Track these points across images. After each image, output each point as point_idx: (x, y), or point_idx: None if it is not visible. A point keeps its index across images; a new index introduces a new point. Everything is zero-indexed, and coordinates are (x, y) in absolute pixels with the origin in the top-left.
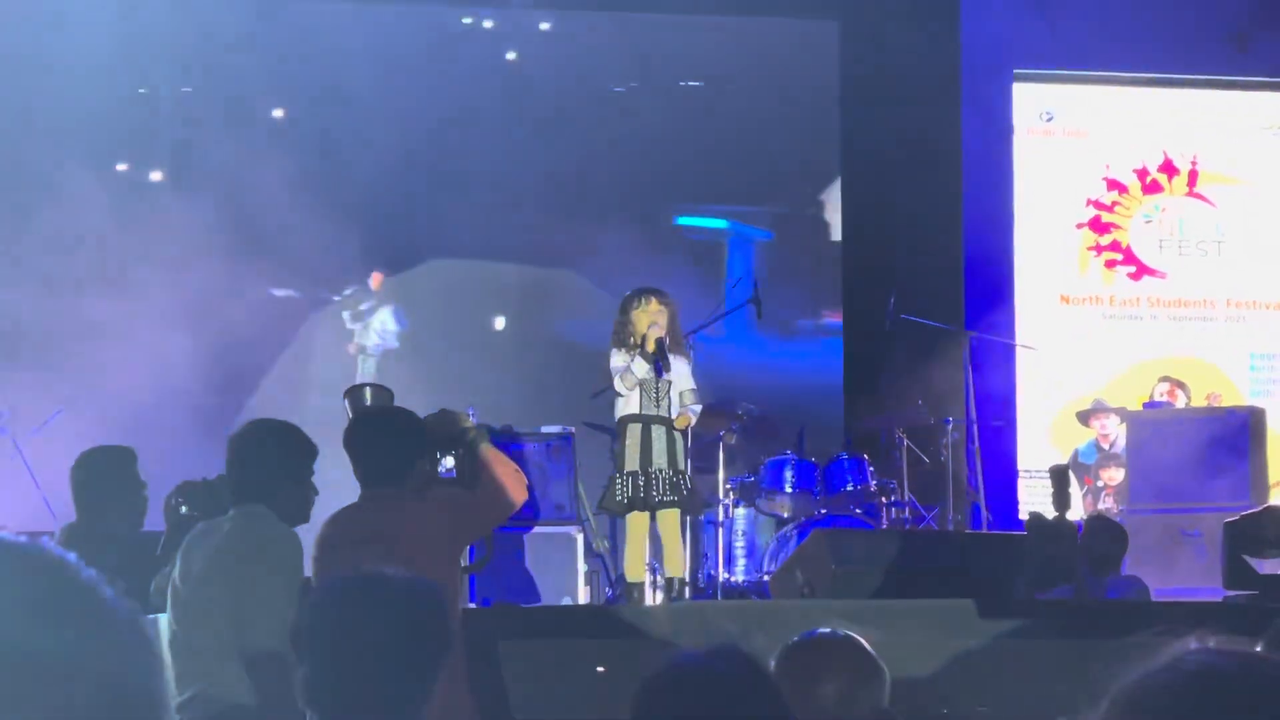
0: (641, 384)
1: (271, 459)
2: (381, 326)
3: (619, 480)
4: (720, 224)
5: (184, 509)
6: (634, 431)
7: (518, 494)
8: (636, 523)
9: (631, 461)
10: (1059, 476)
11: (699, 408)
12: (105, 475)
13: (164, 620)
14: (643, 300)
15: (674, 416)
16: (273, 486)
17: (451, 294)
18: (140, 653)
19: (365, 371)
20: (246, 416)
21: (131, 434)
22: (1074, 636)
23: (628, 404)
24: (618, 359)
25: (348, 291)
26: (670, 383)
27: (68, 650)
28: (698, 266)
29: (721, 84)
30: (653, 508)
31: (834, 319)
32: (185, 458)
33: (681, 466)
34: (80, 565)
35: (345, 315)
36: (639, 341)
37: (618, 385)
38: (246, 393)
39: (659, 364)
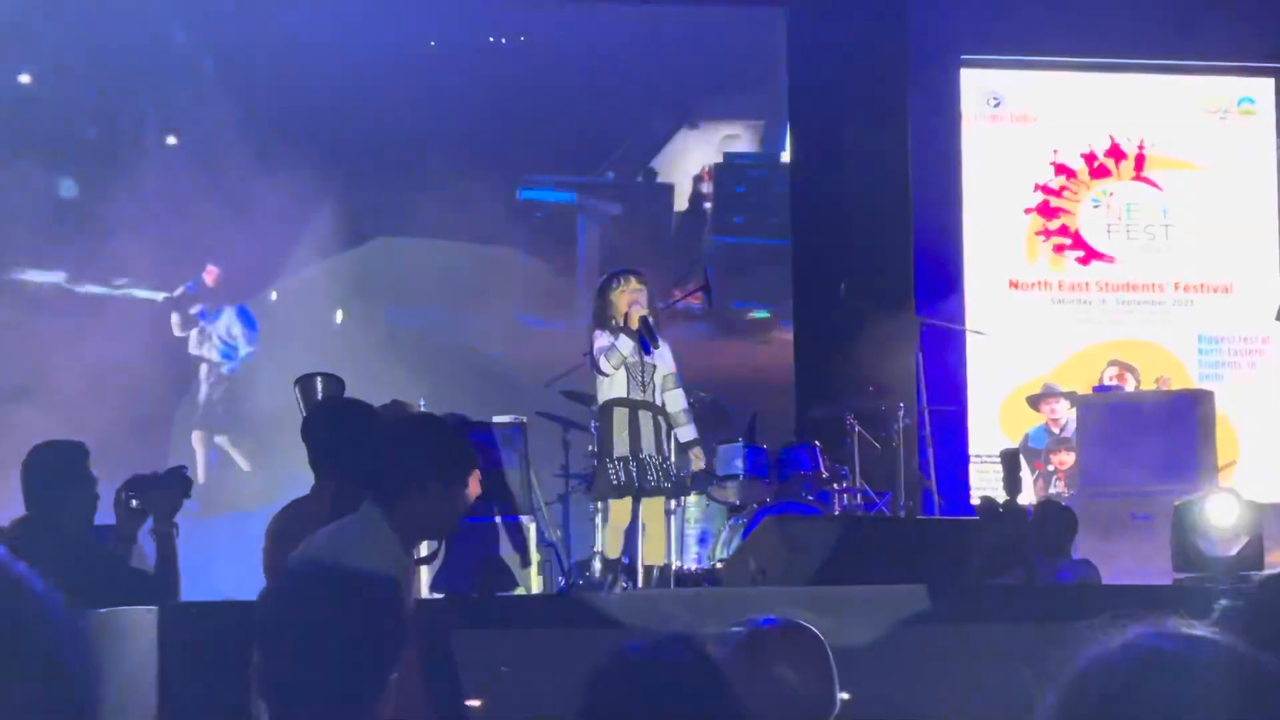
0: (627, 367)
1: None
2: (225, 332)
3: (611, 464)
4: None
5: (134, 503)
6: (621, 415)
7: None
8: (624, 508)
9: (620, 446)
10: (1010, 461)
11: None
12: (57, 470)
13: (118, 614)
14: (621, 280)
15: (658, 402)
16: None
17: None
18: (73, 645)
19: (211, 395)
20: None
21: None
22: (1025, 620)
23: (612, 387)
24: (602, 339)
25: (177, 291)
26: (655, 366)
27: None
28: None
29: (672, 72)
30: (646, 493)
31: (785, 305)
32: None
33: (668, 454)
34: (10, 560)
35: (174, 320)
36: (621, 321)
37: (604, 366)
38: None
39: (645, 341)
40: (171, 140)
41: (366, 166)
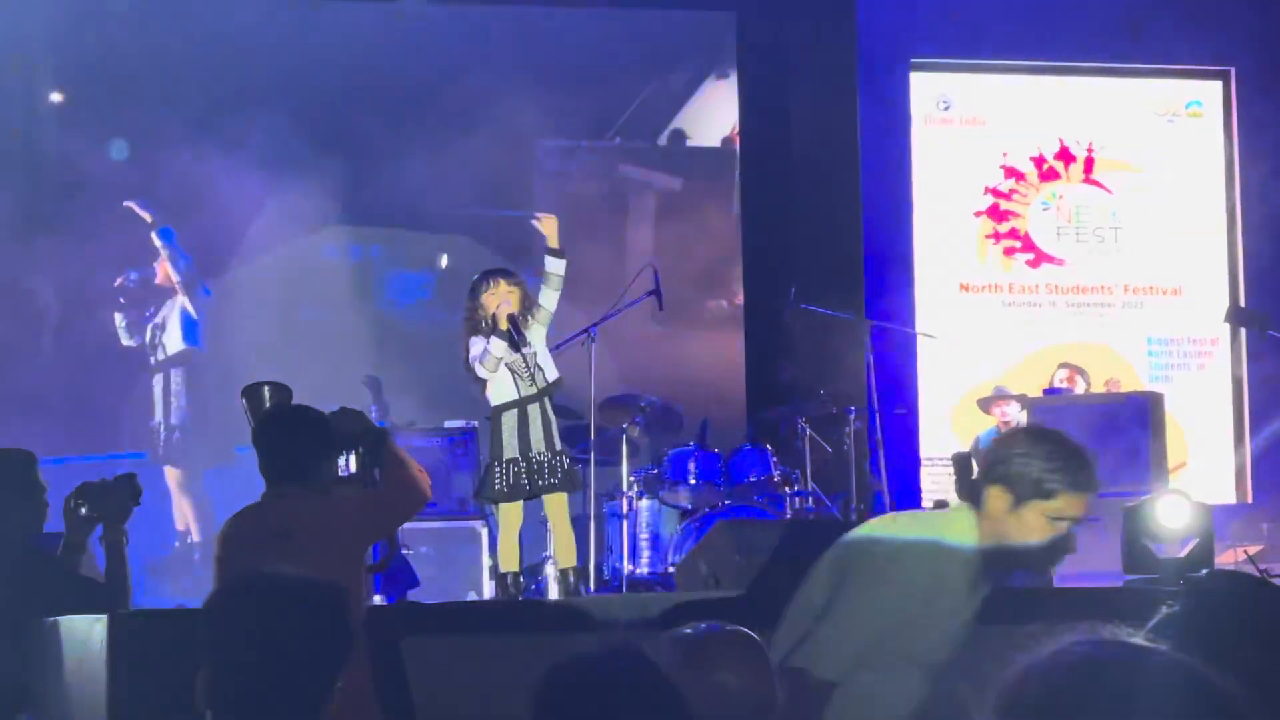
0: (509, 367)
1: None
2: (180, 318)
3: (497, 468)
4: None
5: (84, 510)
6: (510, 418)
7: (423, 493)
8: (512, 512)
9: (510, 449)
10: (962, 464)
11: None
12: (5, 478)
13: (66, 623)
14: (490, 282)
15: (545, 385)
16: None
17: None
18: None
19: (170, 397)
20: None
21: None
22: (981, 623)
23: (500, 391)
24: (475, 346)
25: (116, 281)
26: (534, 353)
27: None
28: None
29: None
30: (537, 493)
31: (735, 309)
32: None
33: (559, 446)
34: None
35: (118, 319)
36: (490, 323)
37: (480, 371)
38: None
39: (515, 339)
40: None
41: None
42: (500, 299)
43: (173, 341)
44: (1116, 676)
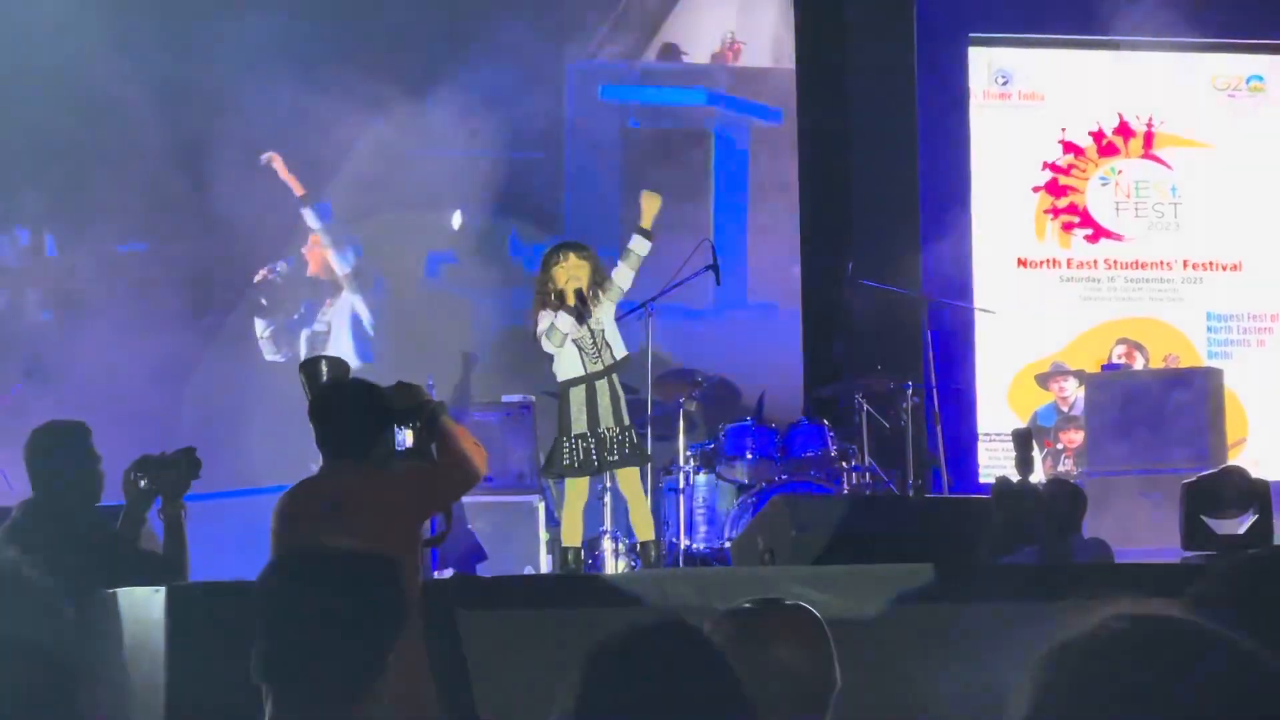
0: (576, 343)
1: None
2: (349, 324)
3: (566, 443)
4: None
5: (143, 483)
6: (578, 394)
7: (479, 468)
8: (579, 487)
9: (579, 424)
10: (1022, 440)
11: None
12: (59, 450)
13: (125, 594)
14: (560, 256)
15: (613, 362)
16: None
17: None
18: (62, 629)
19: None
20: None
21: (88, 411)
22: (1037, 600)
23: (567, 366)
24: (543, 321)
25: (257, 275)
26: (602, 330)
27: None
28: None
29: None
30: (605, 468)
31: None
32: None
33: (628, 422)
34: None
35: (259, 327)
36: (559, 298)
37: (546, 346)
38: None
39: (581, 315)
40: None
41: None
42: (569, 273)
43: (342, 352)
44: (1158, 652)
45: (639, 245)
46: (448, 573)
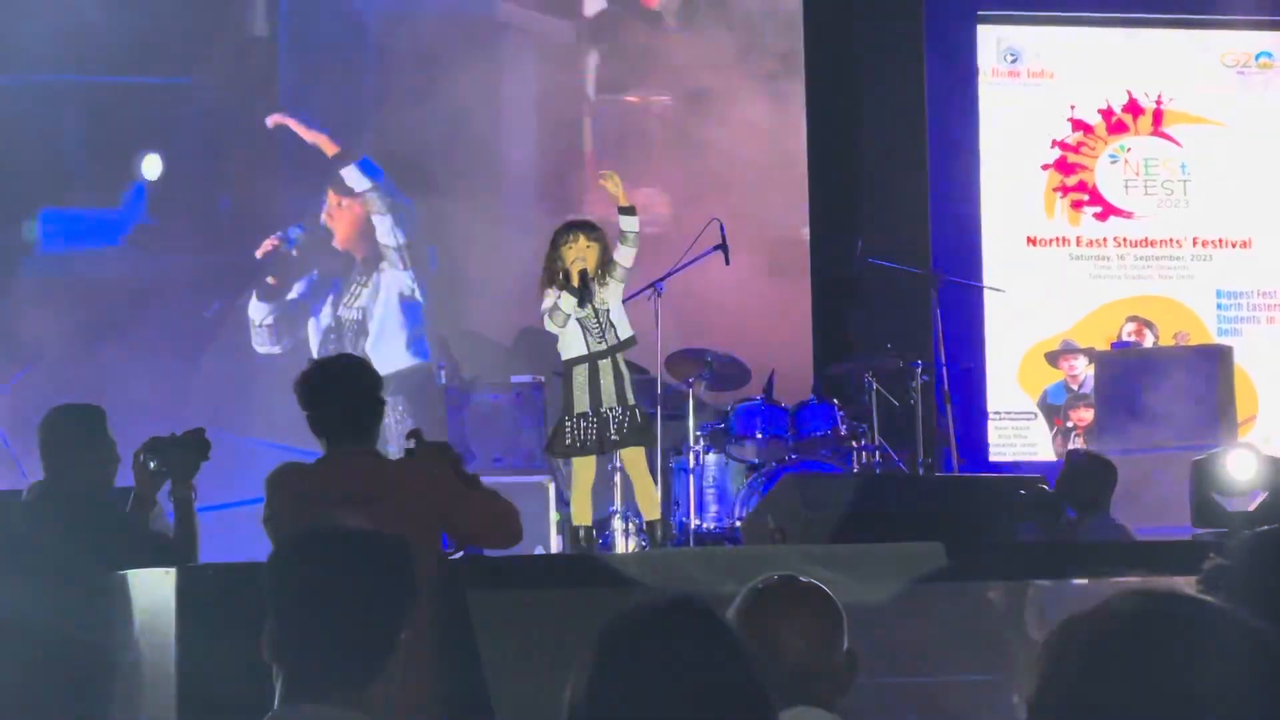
0: (579, 322)
1: None
2: (399, 311)
3: (568, 422)
4: None
5: (152, 465)
6: (580, 373)
7: (510, 536)
8: (585, 467)
9: (581, 403)
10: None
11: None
12: (73, 433)
13: (135, 576)
14: (570, 235)
15: (617, 343)
16: None
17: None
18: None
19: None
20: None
21: (98, 394)
22: (1048, 578)
23: (570, 345)
24: (547, 300)
25: (263, 246)
26: (608, 310)
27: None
28: None
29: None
30: (609, 448)
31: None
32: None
33: (632, 401)
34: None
35: (255, 313)
36: (564, 277)
37: (549, 325)
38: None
39: (585, 296)
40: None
41: None
42: (577, 254)
43: (389, 346)
44: (1164, 629)
45: (628, 223)
46: (458, 554)
